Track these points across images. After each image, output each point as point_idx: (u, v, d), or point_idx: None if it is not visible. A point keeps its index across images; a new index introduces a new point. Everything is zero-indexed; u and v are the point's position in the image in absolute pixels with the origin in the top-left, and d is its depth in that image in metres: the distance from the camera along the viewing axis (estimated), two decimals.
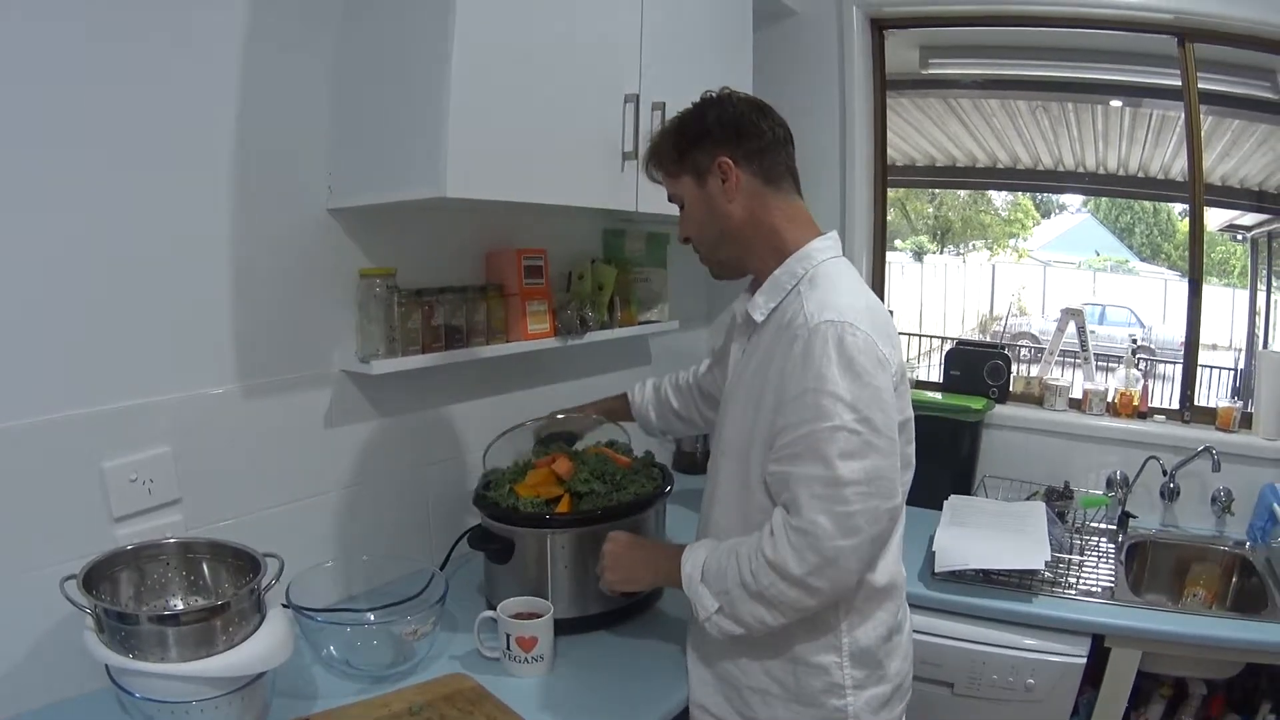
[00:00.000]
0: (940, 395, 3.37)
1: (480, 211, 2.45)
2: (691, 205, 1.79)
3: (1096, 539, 2.89)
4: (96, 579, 1.58)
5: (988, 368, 3.40)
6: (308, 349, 2.15)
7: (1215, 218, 4.51)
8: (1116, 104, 4.21)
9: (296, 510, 2.15)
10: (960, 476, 3.25)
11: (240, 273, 1.98)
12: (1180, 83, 3.13)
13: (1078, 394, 3.39)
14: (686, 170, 1.76)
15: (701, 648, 1.81)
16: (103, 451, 1.76)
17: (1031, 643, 2.40)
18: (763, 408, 1.63)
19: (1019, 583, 2.51)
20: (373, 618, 1.87)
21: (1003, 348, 3.55)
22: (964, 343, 3.69)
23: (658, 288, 3.14)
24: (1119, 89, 3.80)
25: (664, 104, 2.34)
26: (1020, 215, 9.60)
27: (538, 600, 1.99)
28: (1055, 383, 3.39)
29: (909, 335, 7.39)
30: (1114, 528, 2.98)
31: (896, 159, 3.93)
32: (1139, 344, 3.51)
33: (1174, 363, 3.33)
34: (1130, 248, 9.04)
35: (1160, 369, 4.59)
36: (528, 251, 2.53)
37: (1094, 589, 2.52)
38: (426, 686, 1.83)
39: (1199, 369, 3.28)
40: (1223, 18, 2.92)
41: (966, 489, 3.21)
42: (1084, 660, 2.37)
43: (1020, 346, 7.35)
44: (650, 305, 3.11)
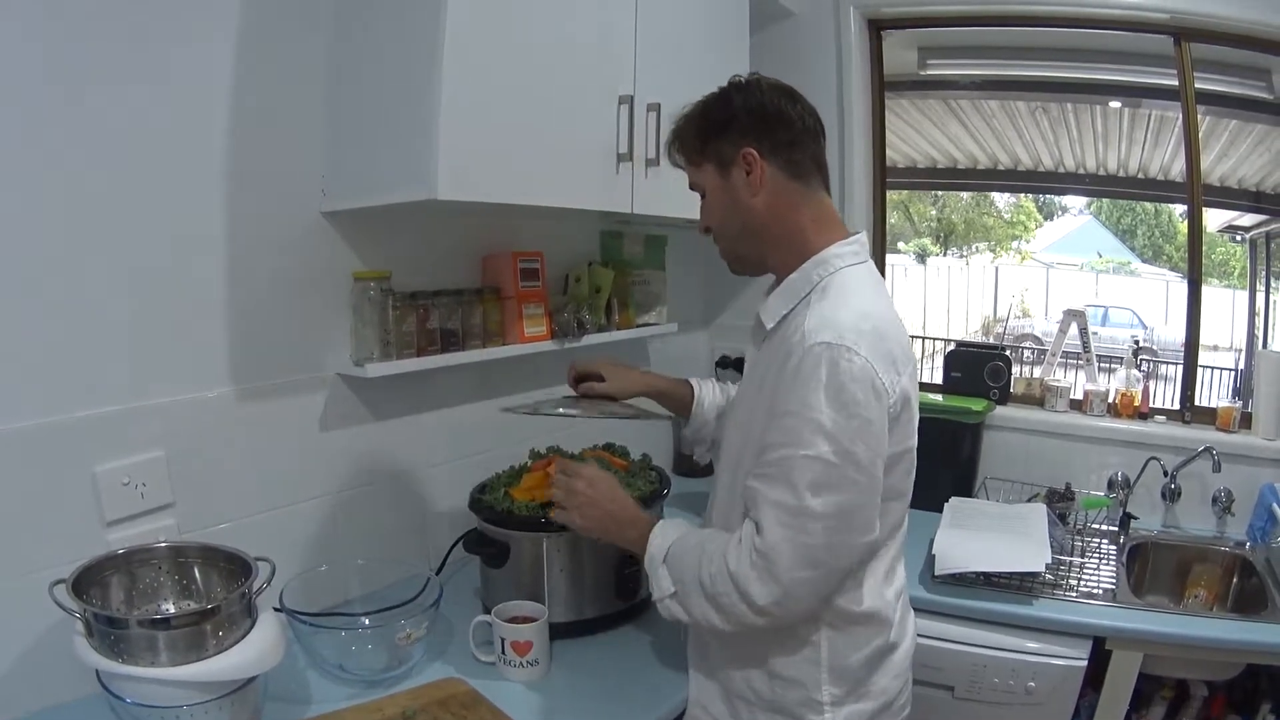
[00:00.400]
0: (941, 397, 3.36)
1: (476, 214, 2.44)
2: (713, 196, 1.71)
3: (1098, 541, 2.88)
4: (87, 583, 1.57)
5: (988, 369, 3.39)
6: (302, 352, 2.14)
7: (1214, 219, 4.50)
8: (1115, 105, 4.20)
9: (291, 514, 2.15)
10: (961, 478, 3.24)
11: (234, 276, 1.98)
12: (1177, 83, 3.13)
13: (1080, 395, 3.38)
14: (709, 159, 1.68)
15: (700, 649, 1.79)
16: (95, 455, 1.76)
17: (1032, 645, 2.39)
18: (754, 420, 1.60)
19: (1020, 585, 2.50)
20: (367, 621, 1.85)
21: (1003, 349, 3.54)
22: (964, 344, 3.68)
23: (656, 290, 3.13)
24: (1117, 89, 3.79)
25: (659, 105, 2.33)
26: (1023, 217, 9.58)
27: (533, 604, 1.99)
28: (1056, 384, 3.38)
29: (912, 337, 7.38)
30: (1115, 529, 2.97)
31: (897, 161, 3.93)
32: (1141, 345, 3.50)
33: (1176, 363, 3.31)
34: (1132, 249, 9.02)
35: (1162, 370, 4.58)
36: (524, 254, 2.53)
37: (1095, 591, 2.51)
38: (420, 691, 1.83)
39: (1200, 369, 3.28)
40: (1218, 18, 2.92)
41: (967, 491, 3.20)
42: (1085, 663, 2.35)
43: (1023, 348, 7.33)
44: (648, 308, 3.10)
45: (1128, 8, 3.03)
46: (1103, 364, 3.52)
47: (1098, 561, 2.72)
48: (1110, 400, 3.29)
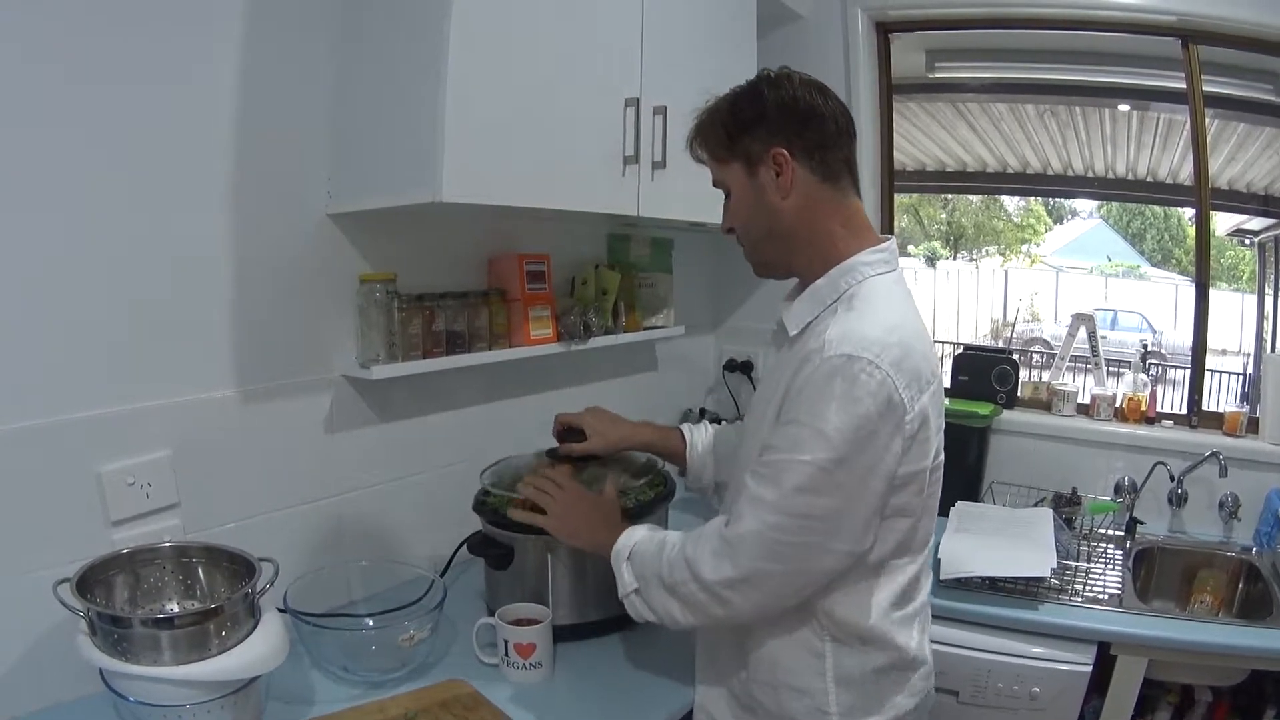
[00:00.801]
0: (948, 401, 3.35)
1: (482, 216, 2.45)
2: (739, 196, 1.64)
3: (1104, 546, 2.87)
4: (91, 582, 1.58)
5: (996, 373, 3.38)
6: (308, 354, 2.14)
7: (1223, 222, 4.50)
8: (1124, 108, 4.20)
9: (296, 515, 2.15)
10: (968, 482, 3.24)
11: (239, 277, 1.98)
12: (1185, 86, 3.12)
13: (1088, 400, 3.37)
14: (737, 157, 1.61)
15: (708, 656, 1.78)
16: (100, 455, 1.76)
17: (1037, 650, 2.39)
18: (765, 424, 1.56)
19: (1025, 590, 2.49)
20: (371, 623, 1.86)
21: (1011, 353, 3.53)
22: (972, 348, 3.68)
23: (663, 293, 3.13)
24: (1125, 92, 3.79)
25: (665, 108, 2.33)
26: (1032, 221, 9.57)
27: (536, 607, 1.99)
28: (1063, 388, 3.37)
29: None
30: (1121, 534, 2.96)
31: (906, 164, 3.93)
32: (1149, 349, 3.49)
33: (1184, 368, 3.31)
34: (1142, 253, 9.02)
35: (1171, 374, 4.57)
36: (530, 256, 2.53)
37: (1100, 596, 2.50)
38: (423, 692, 1.83)
39: (1208, 374, 3.27)
40: (1226, 20, 2.91)
41: (974, 495, 3.20)
42: (1090, 668, 2.35)
43: (1032, 352, 7.33)
44: (655, 311, 3.11)
45: (1135, 10, 3.03)
46: (1111, 368, 3.52)
47: (1103, 566, 2.71)
48: (1117, 405, 3.29)
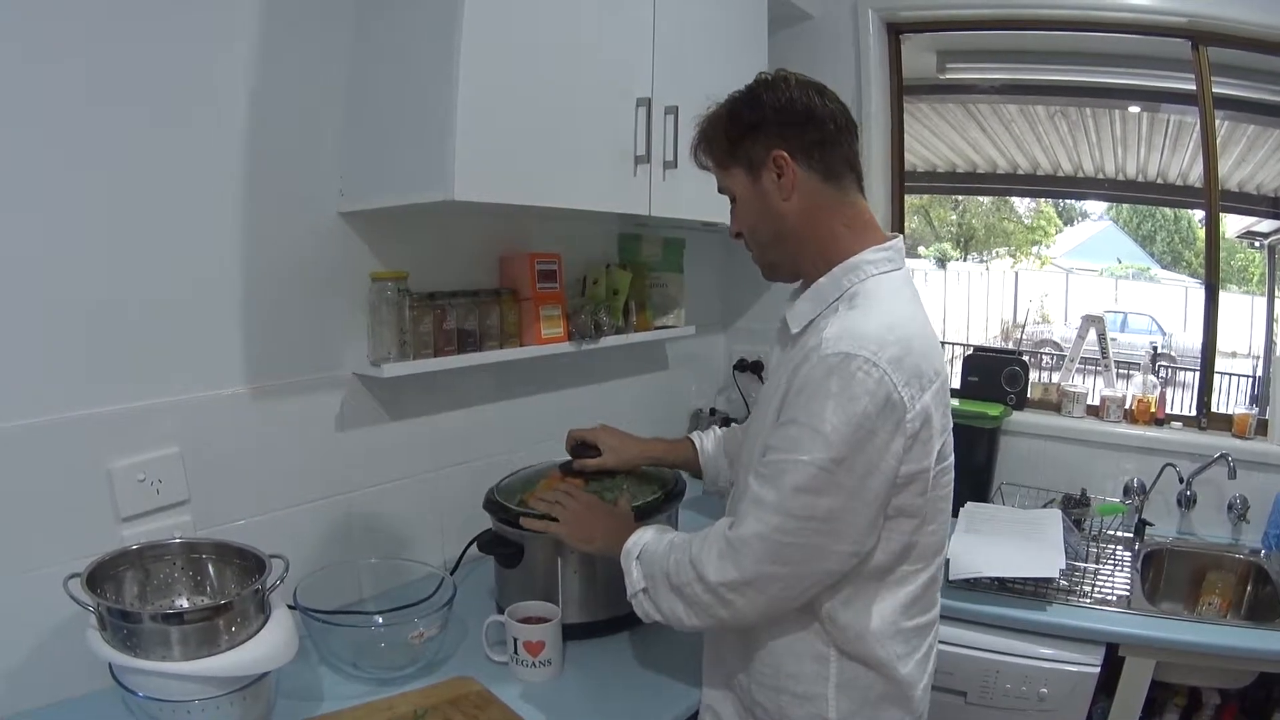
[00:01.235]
0: (958, 401, 3.34)
1: (493, 215, 2.45)
2: (744, 201, 1.64)
3: (1113, 547, 2.87)
4: (101, 578, 1.59)
5: (1005, 374, 3.38)
6: (319, 351, 2.15)
7: (1233, 225, 4.49)
8: (1134, 110, 4.19)
9: (307, 512, 2.16)
10: (977, 483, 3.22)
11: (251, 274, 1.99)
12: (1195, 87, 3.12)
13: (1097, 401, 3.37)
14: (739, 162, 1.61)
15: (715, 658, 1.78)
16: (111, 451, 1.77)
17: (1045, 651, 2.39)
18: (765, 424, 1.56)
19: (1034, 591, 2.49)
20: (381, 620, 1.86)
21: (1020, 354, 3.53)
22: (982, 349, 3.67)
23: (674, 293, 3.14)
24: (1136, 94, 3.79)
25: (676, 108, 2.34)
26: (1043, 222, 9.56)
27: (546, 605, 1.99)
28: (1073, 389, 3.37)
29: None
30: (1130, 535, 2.95)
31: (917, 165, 3.93)
32: (1159, 351, 3.49)
33: (1194, 370, 3.30)
34: (1152, 255, 9.01)
35: (1181, 376, 4.57)
36: (541, 256, 2.53)
37: (1109, 597, 2.50)
38: (432, 690, 1.83)
39: (1217, 376, 3.26)
40: (1236, 22, 2.91)
41: (984, 496, 3.19)
42: (1098, 669, 2.35)
43: (1042, 354, 7.31)
44: (666, 310, 3.11)
45: (1144, 12, 3.02)
46: (1121, 370, 3.51)
47: (1112, 568, 2.71)
48: (1126, 407, 3.28)
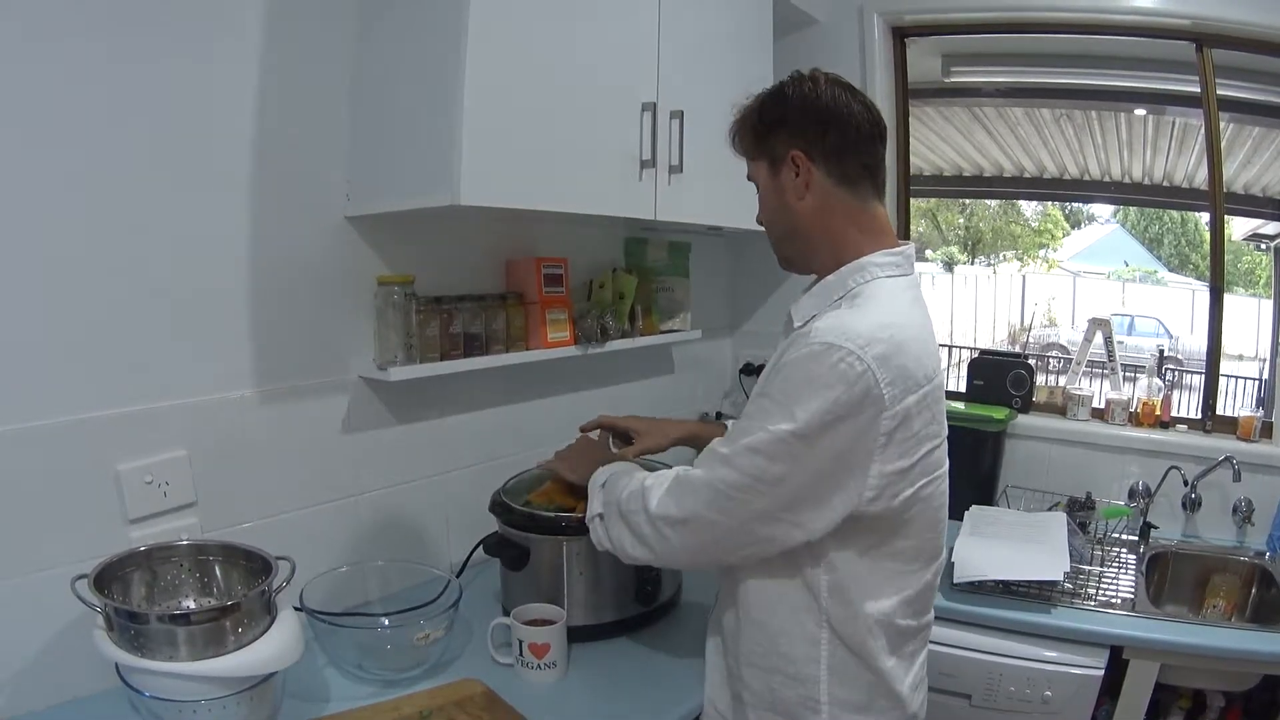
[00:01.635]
0: (963, 405, 3.36)
1: (500, 219, 2.46)
2: (764, 192, 1.68)
3: (1117, 550, 2.87)
4: (108, 579, 1.60)
5: (1011, 377, 3.38)
6: (325, 355, 2.16)
7: (1239, 227, 4.49)
8: (1140, 112, 4.19)
9: (313, 515, 2.17)
10: (983, 487, 3.24)
11: (258, 279, 2.00)
12: (1199, 89, 3.12)
13: (1103, 404, 3.37)
14: (764, 156, 1.64)
15: (714, 642, 1.78)
16: (119, 454, 1.78)
17: (1050, 654, 2.39)
18: None
19: (1038, 594, 2.49)
20: (386, 622, 1.87)
21: (1026, 357, 3.53)
22: (987, 352, 3.68)
23: (680, 297, 3.14)
24: (1141, 96, 3.79)
25: (681, 112, 2.35)
26: (1050, 226, 9.57)
27: (551, 607, 2.00)
28: (1078, 392, 3.37)
29: (938, 346, 7.33)
30: (1135, 538, 2.96)
31: (923, 169, 3.93)
32: (1166, 354, 3.49)
33: (1200, 373, 3.30)
34: (1159, 258, 9.00)
35: (1187, 379, 4.56)
36: (548, 260, 2.54)
37: (1113, 600, 2.50)
38: (438, 691, 1.84)
39: (1224, 379, 3.26)
40: (1239, 23, 2.91)
41: (988, 499, 3.20)
42: (1102, 672, 2.35)
43: (1049, 357, 7.31)
44: (672, 314, 3.12)
45: (1148, 14, 3.03)
46: (1128, 373, 3.51)
47: (1117, 571, 2.71)
48: (1131, 409, 3.28)
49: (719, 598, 1.75)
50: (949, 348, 7.68)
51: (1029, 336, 7.80)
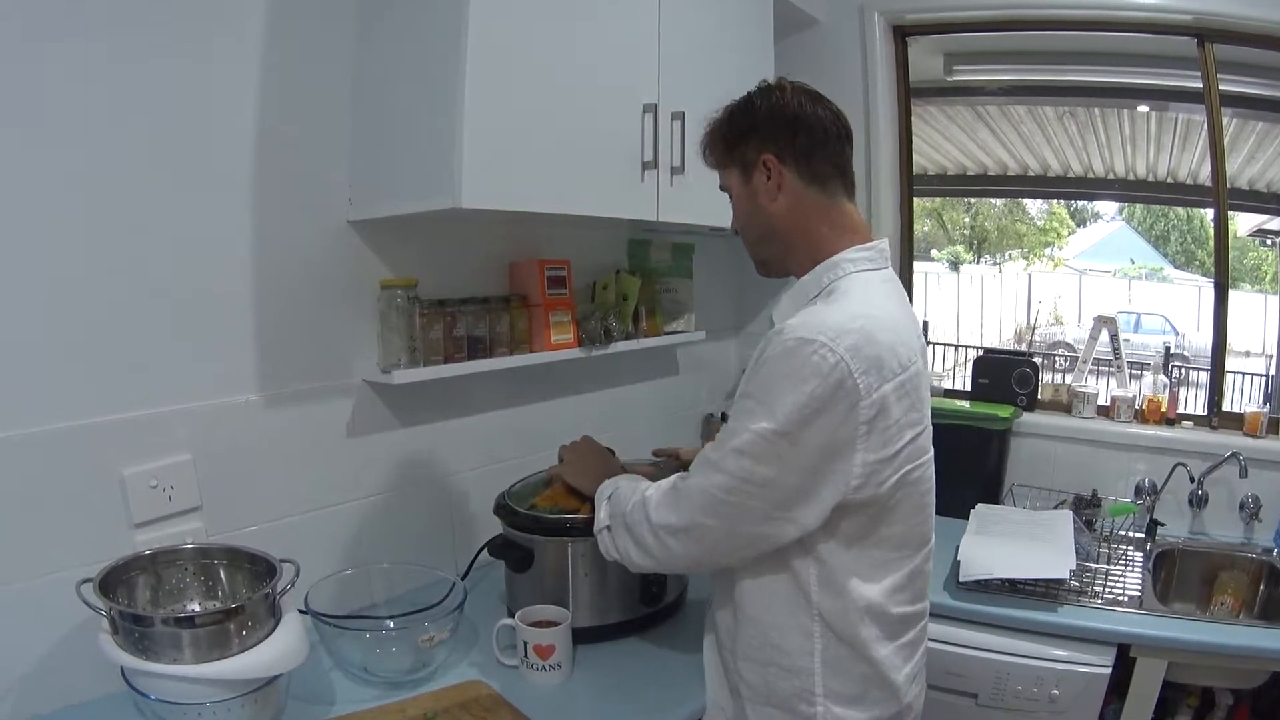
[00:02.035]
0: (968, 403, 3.35)
1: (502, 222, 2.46)
2: (737, 199, 1.72)
3: (1124, 547, 2.86)
4: (113, 583, 1.61)
5: (1016, 375, 3.38)
6: (329, 359, 2.17)
7: (1244, 223, 4.48)
8: (1143, 109, 4.19)
9: (318, 518, 2.17)
10: (988, 485, 3.23)
11: (261, 283, 2.01)
12: (1201, 85, 3.11)
13: (1108, 401, 3.36)
14: (735, 163, 1.68)
15: (712, 639, 1.79)
16: (124, 458, 1.79)
17: (1057, 653, 2.38)
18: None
19: (1045, 592, 2.48)
20: (391, 624, 1.87)
21: (1031, 355, 3.52)
22: (992, 351, 3.67)
23: (683, 298, 3.14)
24: (1144, 92, 3.78)
25: (683, 113, 2.35)
26: (1055, 224, 9.56)
27: (556, 609, 2.00)
28: (1083, 390, 3.36)
29: (944, 345, 7.34)
30: (1142, 536, 2.95)
31: (927, 168, 3.93)
32: (1172, 351, 3.48)
33: (1207, 370, 3.29)
34: (1165, 255, 8.99)
35: (1194, 376, 4.56)
36: (551, 262, 2.54)
37: (1120, 598, 2.49)
38: (443, 693, 1.84)
39: (1230, 375, 3.25)
40: (1241, 18, 2.90)
41: (994, 497, 3.19)
42: (1109, 670, 2.34)
43: (1056, 355, 7.30)
44: (676, 316, 3.12)
45: (1150, 10, 3.03)
46: (1134, 371, 3.51)
47: (1123, 568, 2.70)
48: (1137, 407, 3.28)
49: (714, 596, 1.76)
50: (955, 347, 7.68)
51: (1034, 335, 7.79)
